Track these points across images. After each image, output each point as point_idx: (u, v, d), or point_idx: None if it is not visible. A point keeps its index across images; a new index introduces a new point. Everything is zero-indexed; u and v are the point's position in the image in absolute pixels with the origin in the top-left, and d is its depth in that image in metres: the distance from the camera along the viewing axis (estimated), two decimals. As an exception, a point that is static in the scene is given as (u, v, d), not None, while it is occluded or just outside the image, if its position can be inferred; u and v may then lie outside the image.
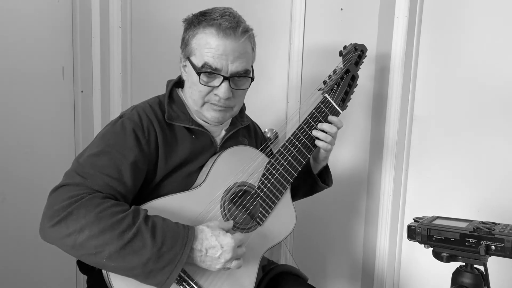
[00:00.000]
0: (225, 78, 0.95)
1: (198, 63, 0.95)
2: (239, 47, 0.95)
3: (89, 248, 0.77)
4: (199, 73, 0.95)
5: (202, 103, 0.99)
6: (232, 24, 0.93)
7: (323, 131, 1.08)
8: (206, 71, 0.95)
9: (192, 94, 1.00)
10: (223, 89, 0.96)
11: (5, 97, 1.33)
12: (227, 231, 0.89)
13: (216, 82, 0.96)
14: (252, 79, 1.02)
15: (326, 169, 1.20)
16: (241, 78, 0.99)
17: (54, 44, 1.52)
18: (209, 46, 0.94)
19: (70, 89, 1.59)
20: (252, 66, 1.02)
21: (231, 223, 0.92)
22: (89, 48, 1.62)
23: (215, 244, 0.84)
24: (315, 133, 1.08)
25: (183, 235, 0.82)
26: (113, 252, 0.77)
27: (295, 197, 1.23)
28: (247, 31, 0.97)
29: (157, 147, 0.95)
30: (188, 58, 0.99)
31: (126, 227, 0.78)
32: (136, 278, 0.80)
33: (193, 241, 0.83)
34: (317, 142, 1.08)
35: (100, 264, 0.78)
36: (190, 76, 0.99)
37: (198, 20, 0.96)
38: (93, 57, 1.63)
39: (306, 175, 1.18)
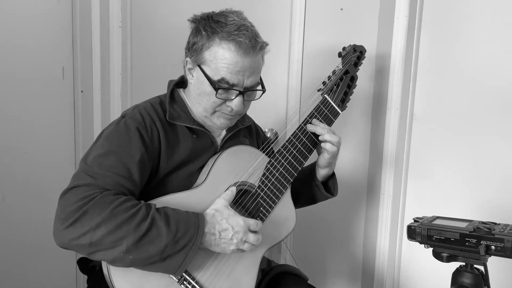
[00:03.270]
0: (240, 92, 0.97)
1: (214, 76, 0.95)
2: (255, 63, 0.97)
3: (107, 243, 0.78)
4: (217, 89, 0.95)
5: (213, 112, 1.00)
6: (252, 42, 0.94)
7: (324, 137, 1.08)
8: (223, 87, 0.95)
9: (203, 102, 1.00)
10: (237, 102, 0.97)
11: (5, 97, 1.33)
12: (232, 205, 0.91)
13: (231, 95, 0.98)
14: (264, 91, 1.03)
15: (332, 177, 1.17)
16: (253, 91, 1.01)
17: (54, 44, 1.51)
18: (227, 61, 0.94)
19: (70, 89, 1.59)
20: (260, 77, 1.03)
21: (233, 190, 0.93)
22: (89, 48, 1.62)
23: (226, 227, 0.87)
24: (323, 144, 1.08)
25: (194, 220, 0.85)
26: (130, 245, 0.78)
27: (296, 204, 1.22)
28: (263, 47, 0.99)
29: (159, 145, 0.96)
30: (199, 66, 0.98)
31: (141, 218, 0.80)
32: (152, 266, 0.81)
33: (204, 224, 0.85)
34: (324, 145, 1.07)
35: (117, 258, 0.79)
36: (201, 85, 0.99)
37: (212, 30, 0.95)
38: (93, 57, 1.63)
39: (310, 181, 1.16)
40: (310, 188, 1.17)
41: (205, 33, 0.96)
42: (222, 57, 0.94)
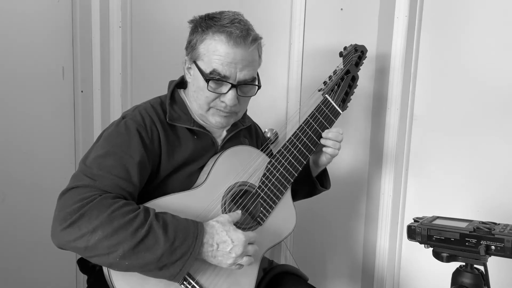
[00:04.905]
0: (232, 86, 0.96)
1: (206, 69, 0.95)
2: (248, 55, 0.96)
3: (103, 248, 0.77)
4: (207, 80, 0.95)
5: (208, 108, 1.00)
6: (243, 33, 0.93)
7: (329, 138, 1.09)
8: (214, 78, 0.95)
9: (198, 99, 1.00)
10: (230, 96, 0.96)
11: (5, 97, 1.33)
12: (236, 223, 0.90)
13: (224, 89, 0.97)
14: (259, 87, 1.02)
15: (324, 172, 1.21)
16: (247, 86, 1.00)
17: (54, 44, 1.51)
18: (218, 53, 0.94)
19: (70, 89, 1.59)
20: (257, 73, 1.03)
21: (239, 213, 0.93)
22: (89, 48, 1.62)
23: (225, 239, 0.85)
24: (323, 141, 1.09)
25: (193, 229, 0.83)
26: (127, 251, 0.77)
27: (293, 199, 1.24)
28: (256, 39, 0.97)
29: (160, 146, 0.96)
30: (195, 62, 0.98)
31: (139, 225, 0.79)
32: (149, 273, 0.81)
33: (203, 235, 0.84)
34: (326, 149, 1.09)
35: (113, 263, 0.79)
36: (196, 80, 0.99)
37: (207, 25, 0.96)
38: (93, 57, 1.63)
39: (305, 179, 1.18)
40: (306, 185, 1.19)
41: (200, 29, 0.97)
42: (214, 49, 0.94)
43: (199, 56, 0.97)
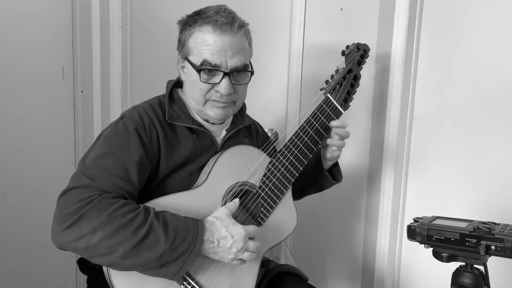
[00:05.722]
0: (225, 74, 0.96)
1: (197, 61, 0.96)
2: (237, 42, 0.96)
3: (103, 248, 0.77)
4: (199, 71, 0.95)
5: (204, 101, 1.00)
6: (228, 20, 0.94)
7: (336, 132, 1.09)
8: (206, 68, 0.95)
9: (193, 94, 1.00)
10: (224, 85, 0.96)
11: (5, 97, 1.33)
12: (234, 215, 0.90)
13: (217, 78, 0.97)
14: (252, 73, 1.03)
15: (335, 165, 1.20)
16: (240, 73, 1.00)
17: (54, 44, 1.51)
18: (207, 43, 0.94)
19: (70, 89, 1.59)
20: (250, 62, 1.03)
21: (236, 201, 0.93)
22: (89, 48, 1.62)
23: (226, 235, 0.85)
24: (332, 133, 1.09)
25: (193, 227, 0.84)
26: (127, 250, 0.78)
27: (304, 194, 1.23)
28: (243, 25, 0.98)
29: (159, 146, 0.96)
30: (186, 58, 0.99)
31: (139, 224, 0.79)
32: (149, 271, 0.81)
33: (203, 232, 0.84)
34: (330, 141, 1.09)
35: (114, 263, 0.79)
36: (189, 76, 1.00)
37: (193, 20, 0.97)
38: (93, 57, 1.63)
39: (318, 173, 1.17)
40: (317, 178, 1.18)
41: (188, 25, 0.98)
42: (202, 40, 0.95)
43: (190, 51, 0.98)
